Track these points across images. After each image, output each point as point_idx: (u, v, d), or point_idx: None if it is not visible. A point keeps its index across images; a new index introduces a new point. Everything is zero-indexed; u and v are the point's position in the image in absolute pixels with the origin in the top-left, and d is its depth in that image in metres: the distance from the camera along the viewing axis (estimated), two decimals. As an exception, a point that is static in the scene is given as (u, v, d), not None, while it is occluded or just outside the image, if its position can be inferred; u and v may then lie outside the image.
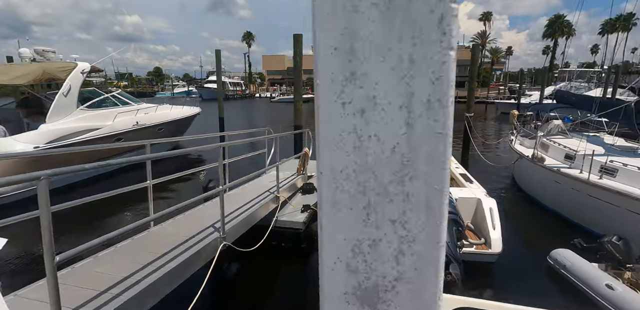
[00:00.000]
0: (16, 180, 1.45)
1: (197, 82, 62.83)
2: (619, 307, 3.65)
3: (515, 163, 8.27)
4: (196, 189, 8.14)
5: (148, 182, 3.46)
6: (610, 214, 5.19)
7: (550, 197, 6.61)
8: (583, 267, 4.31)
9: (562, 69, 32.06)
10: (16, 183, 1.45)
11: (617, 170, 5.66)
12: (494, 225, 4.64)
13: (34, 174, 1.53)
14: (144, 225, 3.54)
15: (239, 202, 4.66)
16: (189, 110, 13.10)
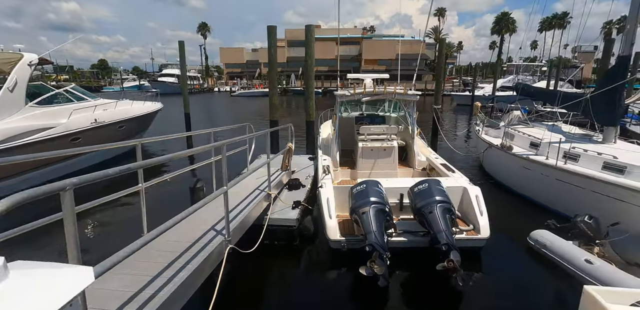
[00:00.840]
0: (41, 192, 1.22)
1: (149, 76, 58.92)
2: (598, 279, 4.03)
3: (485, 152, 8.77)
4: (181, 190, 7.66)
5: (140, 185, 3.15)
6: (577, 195, 5.70)
7: (520, 182, 7.12)
8: (562, 245, 4.69)
9: (510, 64, 34.52)
10: (41, 196, 1.22)
11: (579, 155, 6.20)
12: (481, 211, 4.87)
13: (58, 184, 1.31)
14: (138, 234, 3.25)
15: (233, 201, 4.45)
16: (151, 105, 12.24)
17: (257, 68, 60.29)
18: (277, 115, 9.46)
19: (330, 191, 5.20)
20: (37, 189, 1.21)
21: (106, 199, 2.74)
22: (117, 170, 1.77)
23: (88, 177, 1.52)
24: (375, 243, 4.05)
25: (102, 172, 1.65)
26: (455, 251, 3.95)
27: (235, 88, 52.05)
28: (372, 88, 7.08)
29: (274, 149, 9.84)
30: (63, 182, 1.32)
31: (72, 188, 1.36)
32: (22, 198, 1.11)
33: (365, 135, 7.19)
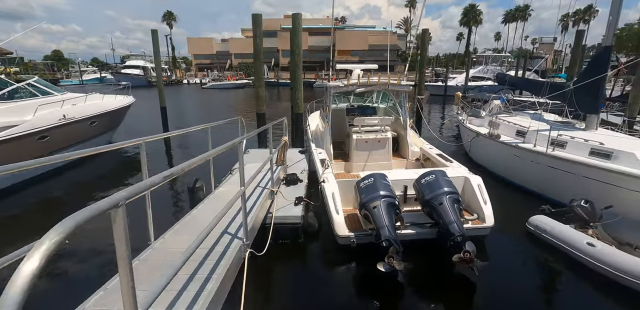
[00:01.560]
0: (96, 212, 0.98)
1: (111, 68, 55.33)
2: (600, 261, 4.20)
3: (472, 141, 8.95)
4: (177, 190, 7.23)
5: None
6: (569, 181, 5.92)
7: (510, 170, 7.31)
8: (563, 230, 4.86)
9: (479, 54, 35.57)
10: (96, 215, 0.97)
11: (566, 142, 6.44)
12: (484, 200, 4.93)
13: (111, 200, 1.06)
14: (144, 242, 2.95)
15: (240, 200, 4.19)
16: (123, 99, 11.41)
17: (227, 59, 58.30)
18: (264, 108, 9.09)
19: (335, 186, 5.05)
20: (90, 208, 0.96)
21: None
22: (162, 177, 1.51)
23: (135, 189, 1.26)
24: (390, 238, 3.98)
25: (149, 180, 1.40)
26: (470, 242, 3.95)
27: (206, 80, 50.09)
28: (361, 79, 6.93)
29: (262, 143, 9.53)
30: (114, 196, 1.07)
31: (124, 203, 1.11)
32: (74, 223, 0.87)
33: (360, 127, 7.07)
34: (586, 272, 4.31)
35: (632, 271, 3.89)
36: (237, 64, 57.11)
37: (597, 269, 4.22)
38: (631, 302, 3.80)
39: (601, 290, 4.06)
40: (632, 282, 3.86)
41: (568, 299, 4.06)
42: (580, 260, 4.43)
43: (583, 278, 4.27)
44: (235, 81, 47.55)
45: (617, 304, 3.86)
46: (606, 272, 4.12)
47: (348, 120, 7.91)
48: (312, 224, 5.04)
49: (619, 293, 3.92)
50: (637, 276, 3.83)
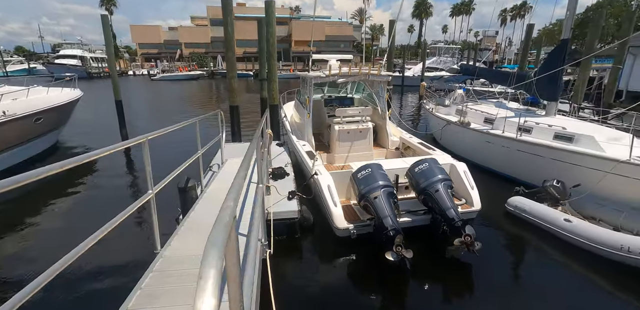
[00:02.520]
0: None
1: (41, 58, 49.34)
2: (577, 234, 4.62)
3: (443, 129, 9.33)
4: (163, 190, 6.77)
5: (150, 191, 2.53)
6: (538, 164, 6.41)
7: (482, 156, 7.74)
8: (541, 209, 5.26)
9: (432, 46, 37.09)
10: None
11: (532, 128, 6.94)
12: (471, 185, 5.17)
13: None
14: (149, 250, 2.66)
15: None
16: (70, 93, 10.20)
17: (177, 49, 54.73)
18: (237, 100, 8.65)
19: (329, 178, 4.97)
20: None
21: (123, 215, 2.10)
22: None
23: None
24: (395, 227, 4.02)
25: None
26: (470, 226, 4.12)
27: (154, 71, 46.71)
28: (337, 69, 6.85)
29: (236, 136, 9.12)
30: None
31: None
32: None
33: (342, 117, 7.01)
34: (565, 246, 4.72)
35: (604, 242, 4.33)
36: (189, 54, 53.88)
37: (574, 242, 4.64)
38: (604, 269, 4.23)
39: (578, 260, 4.47)
40: (605, 251, 4.30)
41: (551, 270, 4.41)
42: (558, 236, 4.84)
43: (562, 251, 4.67)
44: (188, 72, 44.93)
45: (593, 271, 4.28)
46: (582, 245, 4.55)
47: (327, 111, 7.82)
48: (307, 218, 4.94)
49: (594, 262, 4.35)
50: (609, 245, 4.27)
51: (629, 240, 4.15)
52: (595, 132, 6.08)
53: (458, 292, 3.99)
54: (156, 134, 2.66)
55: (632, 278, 4.03)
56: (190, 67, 49.32)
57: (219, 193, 4.15)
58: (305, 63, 53.38)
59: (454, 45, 40.40)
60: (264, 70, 10.56)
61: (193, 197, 3.89)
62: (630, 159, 5.02)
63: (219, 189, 4.30)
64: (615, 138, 5.94)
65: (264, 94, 10.88)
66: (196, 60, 52.80)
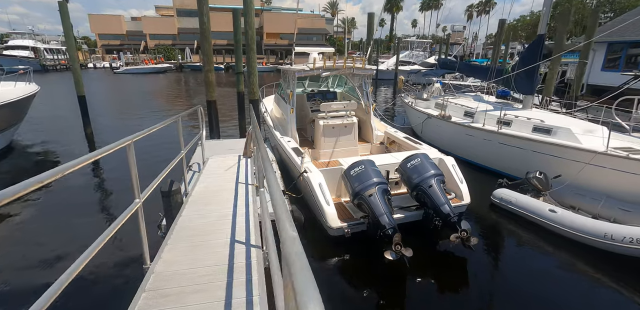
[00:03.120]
0: None
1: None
2: (562, 224, 4.77)
3: (424, 122, 9.39)
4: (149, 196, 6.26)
5: (137, 200, 2.24)
6: (519, 156, 6.58)
7: (464, 149, 7.86)
8: (526, 200, 5.39)
9: (405, 40, 37.49)
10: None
11: (511, 121, 7.11)
12: (460, 179, 5.18)
13: None
14: (137, 265, 2.38)
15: (226, 201, 3.69)
16: (25, 88, 9.27)
17: (141, 40, 51.87)
18: (215, 95, 8.21)
19: (320, 175, 4.80)
20: None
21: (111, 231, 1.82)
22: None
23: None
24: (392, 224, 3.93)
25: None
26: (465, 221, 4.11)
27: (117, 64, 44.04)
28: (320, 62, 6.65)
29: (215, 133, 8.70)
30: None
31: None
32: None
33: (326, 112, 6.83)
34: (550, 235, 4.87)
35: (588, 230, 4.50)
36: (154, 46, 51.23)
37: (559, 232, 4.79)
38: (589, 257, 4.40)
39: (564, 249, 4.62)
40: (589, 239, 4.46)
41: (539, 260, 4.53)
42: (544, 226, 4.98)
43: (548, 241, 4.82)
44: (154, 65, 42.78)
45: (579, 259, 4.44)
46: (567, 234, 4.71)
47: (310, 105, 7.60)
48: (298, 217, 4.76)
49: (579, 250, 4.52)
50: (593, 234, 4.43)
51: (612, 229, 4.33)
52: (572, 125, 6.31)
53: (452, 286, 3.99)
54: (140, 136, 2.35)
55: (615, 264, 4.22)
56: (156, 60, 46.99)
57: (206, 196, 3.87)
58: (278, 56, 52.36)
59: (425, 39, 41.11)
60: (240, 64, 10.13)
61: (178, 202, 3.59)
62: (608, 150, 5.23)
63: (205, 191, 4.01)
64: (590, 130, 6.19)
65: (240, 88, 10.47)
66: (163, 53, 50.36)
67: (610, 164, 5.23)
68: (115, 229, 1.82)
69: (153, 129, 2.74)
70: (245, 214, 3.33)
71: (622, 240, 4.20)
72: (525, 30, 40.59)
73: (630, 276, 4.05)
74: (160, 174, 2.93)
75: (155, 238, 3.26)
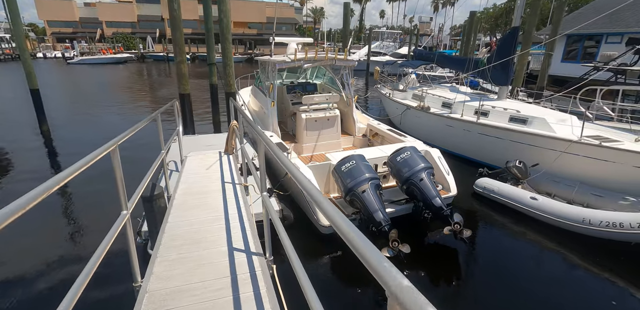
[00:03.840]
0: None
1: None
2: (543, 210, 4.97)
3: (403, 113, 9.44)
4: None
5: (125, 212, 1.97)
6: (498, 145, 6.77)
7: (444, 139, 7.98)
8: (508, 189, 5.56)
9: (375, 30, 37.53)
10: None
11: (488, 111, 7.29)
12: (447, 171, 5.24)
13: None
14: (127, 284, 2.14)
15: (214, 203, 3.45)
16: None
17: (97, 28, 48.21)
18: (189, 88, 7.71)
19: (308, 172, 4.64)
20: None
21: (102, 251, 1.57)
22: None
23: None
24: (386, 220, 3.89)
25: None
26: (457, 213, 4.15)
27: (71, 53, 40.74)
28: (298, 53, 6.43)
29: (189, 128, 8.23)
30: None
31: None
32: None
33: (308, 105, 6.64)
34: (532, 222, 5.06)
35: (568, 216, 4.71)
36: (112, 35, 47.81)
37: (540, 218, 5.00)
38: (567, 241, 4.63)
39: (546, 234, 4.82)
40: (569, 224, 4.68)
41: (522, 245, 4.71)
42: (526, 213, 5.17)
43: (531, 227, 5.01)
44: (113, 55, 40.03)
45: (559, 244, 4.65)
46: (548, 220, 4.92)
47: (290, 98, 7.36)
48: (288, 216, 4.58)
49: (560, 235, 4.74)
50: (572, 219, 4.65)
51: (590, 214, 4.56)
52: (546, 115, 6.55)
53: (445, 277, 4.04)
54: (125, 138, 2.07)
55: (593, 247, 4.46)
56: (115, 49, 43.99)
57: (191, 198, 3.60)
58: (246, 46, 50.71)
59: (395, 30, 41.45)
60: (212, 54, 9.60)
61: (162, 206, 3.30)
62: (581, 139, 5.48)
63: (190, 193, 3.73)
64: (562, 120, 6.46)
65: (213, 80, 9.95)
66: (122, 42, 47.20)
67: (583, 152, 5.49)
68: (105, 249, 1.58)
69: (135, 129, 2.45)
70: (239, 217, 3.12)
71: (599, 225, 4.43)
72: (488, 22, 41.96)
73: (606, 258, 4.30)
74: (144, 180, 2.64)
75: (140, 249, 2.98)
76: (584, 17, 17.29)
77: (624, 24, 14.70)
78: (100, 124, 11.40)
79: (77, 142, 9.12)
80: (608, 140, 5.44)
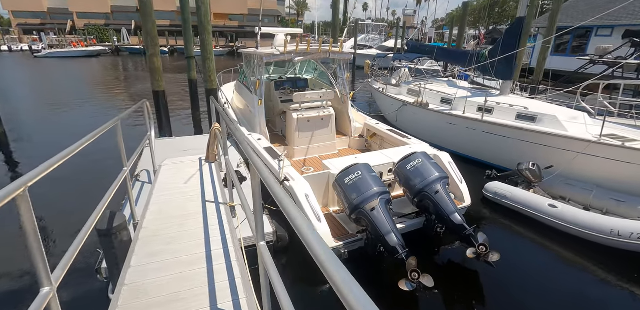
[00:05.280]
0: None
1: None
2: (564, 220, 4.50)
3: (399, 110, 8.86)
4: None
5: (48, 289, 1.28)
6: (506, 145, 6.28)
7: (445, 138, 7.44)
8: (522, 195, 5.07)
9: (361, 23, 36.71)
10: None
11: (493, 108, 6.78)
12: (459, 179, 4.64)
13: None
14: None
15: (194, 233, 2.76)
16: None
17: (68, 19, 45.46)
18: (163, 84, 6.85)
19: (305, 184, 3.97)
20: None
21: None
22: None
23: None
24: (401, 244, 3.29)
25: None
26: (481, 232, 3.59)
27: (39, 46, 38.22)
28: (291, 46, 5.71)
29: (165, 130, 7.40)
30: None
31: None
32: None
33: (300, 104, 5.95)
34: (552, 232, 4.59)
35: (593, 227, 4.25)
36: (83, 26, 45.19)
37: (561, 228, 4.53)
38: (595, 255, 4.17)
39: (569, 247, 4.36)
40: (595, 236, 4.22)
41: (545, 259, 4.23)
42: (544, 222, 4.70)
43: (550, 238, 4.54)
44: (85, 48, 37.82)
45: (585, 258, 4.20)
46: (570, 230, 4.45)
47: (279, 95, 6.64)
48: (282, 237, 3.88)
49: (586, 248, 4.28)
50: (599, 230, 4.19)
51: (619, 224, 4.11)
52: (556, 112, 6.10)
53: (459, 297, 3.51)
54: (38, 177, 1.32)
55: (624, 262, 4.02)
56: (87, 42, 41.61)
57: (163, 226, 2.87)
58: (228, 38, 48.95)
59: (380, 23, 40.78)
60: (190, 46, 8.72)
61: (124, 240, 2.58)
62: (601, 139, 5.03)
63: (162, 219, 2.99)
64: (574, 117, 6.02)
65: (192, 75, 9.09)
66: (95, 34, 44.73)
67: (603, 153, 5.05)
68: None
69: (82, 145, 1.74)
70: (225, 255, 2.45)
71: (629, 237, 3.99)
72: (473, 14, 41.84)
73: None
74: (99, 207, 1.95)
75: (98, 289, 2.27)
76: (574, 9, 17.13)
77: (614, 16, 14.51)
78: (65, 125, 10.33)
79: (37, 146, 8.13)
80: (628, 140, 5.01)
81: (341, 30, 44.51)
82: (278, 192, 1.14)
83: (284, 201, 1.07)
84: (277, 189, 1.16)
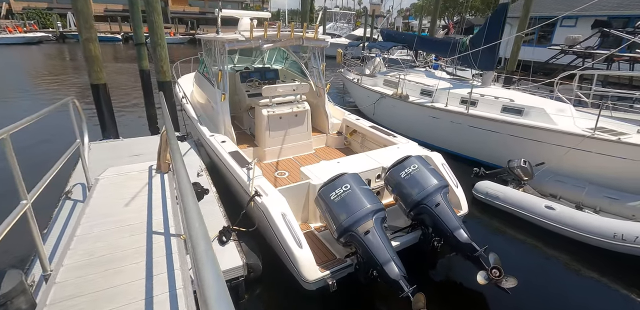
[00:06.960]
0: None
1: None
2: (561, 222, 4.18)
3: (377, 102, 8.29)
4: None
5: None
6: (494, 140, 5.91)
7: (428, 133, 6.98)
8: (515, 195, 4.71)
9: (329, 11, 35.61)
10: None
11: (477, 100, 6.39)
12: (455, 183, 4.14)
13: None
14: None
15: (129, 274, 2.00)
16: None
17: (2, 2, 40.42)
18: (104, 76, 5.73)
19: (280, 199, 3.26)
20: None
21: None
22: None
23: None
24: (403, 276, 2.71)
25: None
26: (493, 252, 3.10)
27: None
28: (258, 31, 4.90)
29: (109, 130, 6.31)
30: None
31: None
32: None
33: (270, 98, 5.19)
34: (549, 236, 4.27)
35: (594, 230, 3.95)
36: (22, 10, 40.37)
37: (560, 232, 4.21)
38: (595, 259, 3.89)
39: (569, 252, 4.05)
40: (596, 240, 3.93)
41: (542, 264, 3.89)
42: (540, 224, 4.37)
43: (547, 242, 4.21)
44: (23, 34, 33.84)
45: (583, 262, 3.90)
46: (569, 234, 4.14)
47: (246, 88, 5.81)
48: (254, 267, 3.14)
49: (583, 252, 3.99)
50: (600, 234, 3.90)
51: (622, 227, 3.82)
52: (543, 104, 5.80)
53: None
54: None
55: (630, 267, 3.75)
56: (27, 27, 37.28)
57: (92, 273, 2.08)
58: (188, 25, 45.84)
59: (348, 11, 39.89)
60: (140, 31, 7.54)
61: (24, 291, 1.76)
62: (595, 134, 4.74)
63: (92, 264, 2.19)
64: (561, 109, 5.75)
65: (143, 65, 7.93)
66: (35, 19, 40.17)
67: (596, 148, 4.78)
68: None
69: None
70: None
71: (634, 241, 3.71)
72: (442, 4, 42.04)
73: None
74: None
75: None
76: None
77: (579, 6, 14.78)
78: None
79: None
80: (620, 134, 4.77)
81: (310, 19, 43.31)
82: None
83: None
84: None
